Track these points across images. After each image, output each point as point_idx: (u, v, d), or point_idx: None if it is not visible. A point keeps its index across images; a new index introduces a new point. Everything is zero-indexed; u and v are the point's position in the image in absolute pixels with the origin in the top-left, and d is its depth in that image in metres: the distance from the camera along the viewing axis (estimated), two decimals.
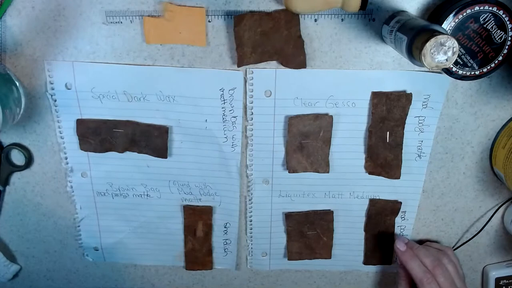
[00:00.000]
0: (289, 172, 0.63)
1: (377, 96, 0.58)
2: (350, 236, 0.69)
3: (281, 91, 0.58)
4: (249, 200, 0.66)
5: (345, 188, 0.65)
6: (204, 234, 0.68)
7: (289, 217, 0.67)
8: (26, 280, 0.74)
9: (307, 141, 0.61)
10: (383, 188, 0.64)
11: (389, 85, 0.58)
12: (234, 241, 0.69)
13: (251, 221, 0.67)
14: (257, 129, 0.61)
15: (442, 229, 0.69)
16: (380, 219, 0.67)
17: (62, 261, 0.72)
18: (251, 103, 0.59)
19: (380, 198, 0.65)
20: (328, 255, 0.69)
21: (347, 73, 0.57)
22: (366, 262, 0.70)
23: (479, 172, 0.64)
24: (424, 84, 0.58)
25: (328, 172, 0.63)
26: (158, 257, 0.71)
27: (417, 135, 0.61)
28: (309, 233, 0.67)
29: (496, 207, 0.67)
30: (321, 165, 0.62)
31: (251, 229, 0.68)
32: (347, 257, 0.70)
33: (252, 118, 0.60)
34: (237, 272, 0.72)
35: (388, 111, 0.59)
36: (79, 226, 0.68)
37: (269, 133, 0.61)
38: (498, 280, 0.71)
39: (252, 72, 0.57)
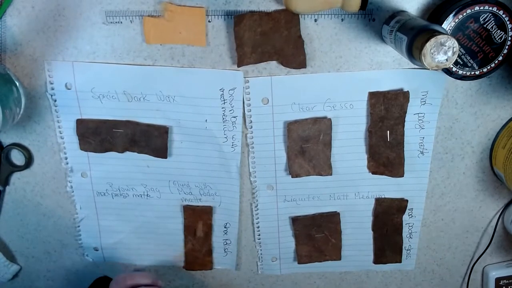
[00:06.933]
0: (292, 176, 0.63)
1: (374, 96, 0.58)
2: (358, 237, 0.68)
3: (278, 97, 0.58)
4: (255, 206, 0.66)
5: (350, 189, 0.65)
6: (204, 234, 0.68)
7: (296, 221, 0.67)
8: (26, 280, 0.74)
9: (308, 145, 0.61)
10: (388, 186, 0.64)
11: (386, 85, 0.58)
12: (234, 241, 0.69)
13: (258, 227, 0.67)
14: (257, 137, 0.61)
15: (442, 229, 0.69)
16: (387, 218, 0.66)
17: (62, 261, 0.72)
18: (249, 111, 0.59)
19: (386, 197, 0.65)
20: (337, 257, 0.69)
21: (342, 75, 0.57)
22: (376, 261, 0.70)
23: (479, 172, 0.64)
24: (421, 81, 0.58)
25: (331, 174, 0.63)
26: (158, 257, 0.71)
27: (418, 132, 0.61)
28: (317, 236, 0.67)
29: (496, 207, 0.67)
30: (324, 168, 0.62)
31: (259, 235, 0.68)
32: (357, 257, 0.70)
33: (251, 126, 0.60)
34: (237, 272, 0.72)
35: (387, 110, 0.59)
36: (79, 226, 0.68)
37: (270, 140, 0.61)
38: (498, 280, 0.71)
39: (248, 81, 0.57)
